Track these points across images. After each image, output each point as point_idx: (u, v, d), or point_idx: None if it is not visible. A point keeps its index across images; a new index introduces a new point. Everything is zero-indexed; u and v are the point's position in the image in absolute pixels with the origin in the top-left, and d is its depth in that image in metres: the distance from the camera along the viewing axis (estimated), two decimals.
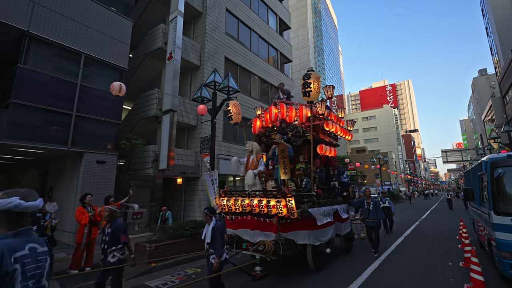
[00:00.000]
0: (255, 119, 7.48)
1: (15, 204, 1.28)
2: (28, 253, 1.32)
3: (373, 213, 6.72)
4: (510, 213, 4.34)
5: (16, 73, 7.20)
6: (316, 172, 6.22)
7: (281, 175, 5.49)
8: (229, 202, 5.62)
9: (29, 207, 1.34)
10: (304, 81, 6.00)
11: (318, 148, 6.24)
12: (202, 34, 13.49)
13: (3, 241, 1.26)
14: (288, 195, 4.75)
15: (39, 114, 7.62)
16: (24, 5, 7.49)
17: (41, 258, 1.38)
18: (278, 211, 4.78)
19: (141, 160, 10.75)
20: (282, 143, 5.61)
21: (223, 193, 5.93)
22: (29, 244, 1.35)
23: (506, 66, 24.80)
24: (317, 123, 6.50)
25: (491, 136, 19.15)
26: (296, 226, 5.09)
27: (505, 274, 4.30)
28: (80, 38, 8.59)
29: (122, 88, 6.10)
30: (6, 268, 1.19)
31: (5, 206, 1.26)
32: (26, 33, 7.46)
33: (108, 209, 3.80)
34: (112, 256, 3.66)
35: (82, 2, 8.81)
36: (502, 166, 4.68)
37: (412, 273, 5.37)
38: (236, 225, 5.59)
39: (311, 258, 5.22)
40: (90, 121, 8.67)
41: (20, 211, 1.31)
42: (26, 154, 8.93)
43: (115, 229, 3.69)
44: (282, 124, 6.61)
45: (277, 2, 20.76)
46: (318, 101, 6.43)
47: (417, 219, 14.35)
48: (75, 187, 8.36)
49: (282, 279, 5.12)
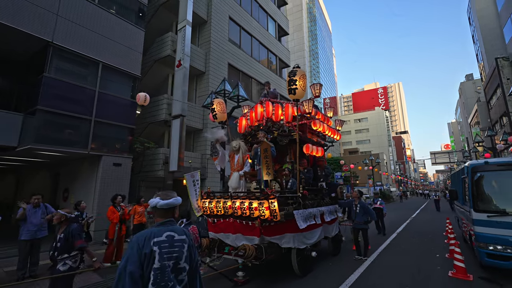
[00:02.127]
0: (241, 117, 7.26)
1: (156, 202, 1.85)
2: (165, 239, 1.67)
3: (359, 216, 6.54)
4: (486, 211, 5.17)
5: (42, 81, 7.71)
6: (303, 172, 6.07)
7: (264, 176, 5.29)
8: (211, 204, 5.36)
9: (165, 204, 1.82)
10: (289, 78, 5.70)
11: (305, 148, 6.07)
12: (207, 41, 14.12)
13: (151, 229, 1.72)
14: (271, 196, 4.56)
15: (62, 120, 8.14)
16: (49, 18, 8.00)
17: (178, 244, 1.69)
18: (260, 213, 4.59)
19: (152, 162, 11.31)
20: (265, 141, 5.39)
21: (205, 194, 5.67)
22: (167, 232, 1.70)
23: (490, 73, 26.24)
24: (304, 122, 6.34)
25: (476, 140, 20.38)
26: (280, 229, 4.89)
27: (483, 262, 5.13)
28: (97, 47, 9.12)
29: (147, 98, 6.72)
30: (145, 249, 1.63)
31: (153, 204, 1.89)
32: (50, 43, 7.98)
33: (60, 214, 3.43)
34: (63, 264, 3.28)
35: (99, 13, 9.34)
36: (481, 171, 5.53)
37: (403, 263, 6.18)
38: (218, 228, 5.39)
39: (295, 262, 5.02)
40: (107, 125, 9.22)
41: (162, 207, 1.83)
42: (45, 157, 9.38)
43: (68, 234, 3.31)
44: (268, 123, 6.39)
45: (276, 9, 21.55)
46: (305, 100, 6.29)
47: (408, 218, 15.37)
48: (93, 188, 8.88)
49: (266, 284, 4.93)
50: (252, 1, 18.38)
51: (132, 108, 10.09)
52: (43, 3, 7.89)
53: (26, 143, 7.46)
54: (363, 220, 6.53)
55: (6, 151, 8.11)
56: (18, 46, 8.08)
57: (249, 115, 6.96)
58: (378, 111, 66.99)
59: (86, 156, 9.17)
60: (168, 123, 11.65)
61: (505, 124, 22.79)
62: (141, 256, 1.58)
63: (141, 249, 1.59)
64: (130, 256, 1.57)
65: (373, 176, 29.39)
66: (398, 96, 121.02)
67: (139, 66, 10.44)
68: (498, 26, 27.66)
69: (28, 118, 7.81)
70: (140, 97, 6.62)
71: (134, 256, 1.57)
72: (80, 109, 8.52)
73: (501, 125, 24.47)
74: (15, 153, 8.25)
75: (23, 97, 8.45)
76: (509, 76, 23.02)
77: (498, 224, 4.95)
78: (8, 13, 7.15)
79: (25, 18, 7.45)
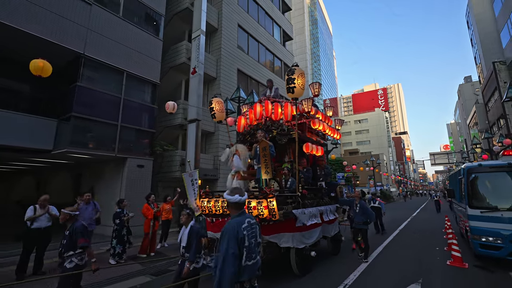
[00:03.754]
0: (239, 117, 7.22)
1: (238, 198, 2.46)
2: (247, 224, 2.30)
3: (359, 216, 6.50)
4: (480, 207, 5.90)
5: (75, 90, 8.43)
6: (302, 172, 6.08)
7: (263, 175, 5.26)
8: (209, 204, 5.36)
9: (244, 199, 2.47)
10: (288, 77, 5.64)
11: (304, 147, 6.06)
12: (217, 49, 14.85)
13: (236, 219, 2.33)
14: (270, 195, 4.56)
15: (93, 125, 8.87)
16: (80, 31, 8.72)
17: (254, 226, 2.35)
18: (259, 212, 4.58)
19: (169, 163, 12.02)
20: (264, 140, 5.38)
21: (203, 193, 5.69)
22: (247, 219, 2.33)
23: (488, 76, 27.03)
24: (303, 121, 6.35)
25: (473, 142, 21.14)
26: (279, 228, 4.87)
27: (476, 251, 5.86)
28: (122, 57, 9.84)
29: (175, 106, 7.43)
30: (240, 234, 2.29)
31: (235, 200, 2.46)
32: (82, 55, 8.69)
33: (64, 213, 3.54)
34: (69, 262, 3.39)
35: (123, 26, 10.07)
36: (475, 172, 6.26)
37: (406, 256, 6.91)
38: (216, 228, 5.35)
39: (294, 262, 5.01)
40: (131, 130, 9.94)
41: (240, 202, 2.47)
42: (72, 159, 10.08)
43: (72, 232, 3.42)
44: (267, 122, 6.37)
45: (281, 15, 22.30)
46: (305, 99, 6.28)
47: (409, 217, 16.15)
48: (119, 188, 9.60)
49: (264, 284, 4.81)
50: (259, 8, 19.12)
51: (152, 113, 10.81)
52: (77, 19, 8.62)
53: (62, 147, 8.17)
54: (362, 220, 6.49)
55: (42, 154, 8.82)
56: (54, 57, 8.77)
57: (248, 115, 6.88)
58: (378, 112, 67.81)
59: (111, 158, 9.87)
60: (184, 127, 12.36)
61: (503, 126, 23.58)
62: (237, 240, 2.20)
63: (237, 234, 2.22)
64: (230, 242, 2.21)
65: (374, 176, 30.13)
66: (397, 97, 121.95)
67: (158, 74, 11.17)
68: (496, 30, 28.38)
69: (62, 124, 8.53)
70: (169, 105, 7.32)
71: (233, 241, 2.21)
72: (108, 115, 9.24)
73: (498, 127, 25.27)
74: (49, 156, 8.96)
75: (55, 103, 9.16)
76: (506, 79, 23.79)
77: (490, 219, 5.68)
78: (49, 29, 7.88)
79: (62, 33, 8.17)
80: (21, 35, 7.50)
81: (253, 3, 18.46)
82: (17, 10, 7.37)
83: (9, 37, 7.60)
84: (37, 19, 7.72)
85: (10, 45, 8.02)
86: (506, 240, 5.34)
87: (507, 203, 5.63)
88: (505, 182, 5.86)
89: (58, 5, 8.23)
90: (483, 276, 5.15)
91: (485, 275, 5.23)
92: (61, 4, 8.31)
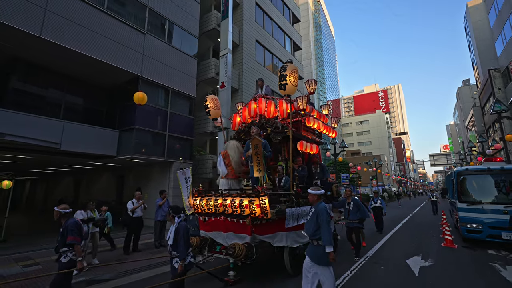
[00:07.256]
0: (234, 114, 7.20)
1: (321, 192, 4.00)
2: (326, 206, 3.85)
3: (353, 214, 6.52)
4: (467, 201, 7.67)
5: (136, 106, 10.20)
6: (297, 170, 6.02)
7: (255, 173, 5.19)
8: (202, 202, 5.24)
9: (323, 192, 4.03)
10: (280, 74, 5.55)
11: (298, 145, 6.03)
12: (239, 63, 16.61)
13: (323, 204, 3.70)
14: (262, 194, 4.48)
15: (148, 135, 10.63)
16: (138, 57, 10.49)
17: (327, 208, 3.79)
18: (251, 211, 4.48)
19: (203, 166, 13.79)
20: (256, 138, 5.26)
21: (196, 192, 5.55)
22: (326, 205, 3.75)
23: (484, 82, 28.79)
24: (298, 119, 6.32)
25: (469, 146, 22.93)
26: (272, 227, 4.81)
27: (464, 235, 7.64)
28: (168, 76, 11.61)
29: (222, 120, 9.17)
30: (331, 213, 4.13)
31: (321, 192, 4.01)
32: (140, 77, 10.46)
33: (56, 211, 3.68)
34: (64, 257, 3.54)
35: (169, 50, 11.83)
36: (464, 175, 8.04)
37: (407, 241, 8.68)
38: (209, 227, 5.25)
39: (288, 261, 4.98)
40: (175, 138, 11.72)
41: (321, 193, 4.02)
42: (121, 162, 11.85)
43: (64, 229, 3.56)
44: (261, 119, 6.33)
45: (291, 27, 24.08)
46: (300, 96, 6.25)
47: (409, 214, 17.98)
48: (167, 188, 11.36)
49: (257, 284, 4.83)
50: (273, 23, 20.90)
51: (191, 123, 12.60)
52: (135, 46, 10.39)
53: (127, 153, 9.94)
54: (356, 218, 6.49)
55: (104, 159, 10.60)
56: (116, 78, 10.58)
57: (242, 113, 6.79)
58: (379, 114, 69.62)
59: (156, 162, 11.62)
60: (214, 134, 14.13)
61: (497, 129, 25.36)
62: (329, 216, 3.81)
63: (329, 213, 3.84)
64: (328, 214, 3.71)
65: (377, 177, 31.87)
66: (397, 98, 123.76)
67: (194, 88, 12.94)
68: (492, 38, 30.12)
69: (125, 134, 10.29)
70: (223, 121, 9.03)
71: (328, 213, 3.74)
72: (159, 126, 11.02)
73: (494, 130, 27.04)
74: (112, 161, 10.73)
75: (115, 116, 10.93)
76: (501, 86, 25.63)
77: (474, 210, 7.46)
78: (111, 55, 9.58)
79: (123, 59, 9.93)
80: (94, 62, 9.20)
81: (268, 19, 20.25)
82: (96, 45, 9.12)
83: (83, 63, 9.33)
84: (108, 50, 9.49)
85: (80, 69, 9.81)
86: (485, 226, 7.12)
87: (487, 198, 7.41)
88: (486, 182, 7.64)
89: (120, 35, 9.97)
90: (468, 253, 6.91)
91: (470, 252, 7.00)
92: (121, 35, 10.03)
